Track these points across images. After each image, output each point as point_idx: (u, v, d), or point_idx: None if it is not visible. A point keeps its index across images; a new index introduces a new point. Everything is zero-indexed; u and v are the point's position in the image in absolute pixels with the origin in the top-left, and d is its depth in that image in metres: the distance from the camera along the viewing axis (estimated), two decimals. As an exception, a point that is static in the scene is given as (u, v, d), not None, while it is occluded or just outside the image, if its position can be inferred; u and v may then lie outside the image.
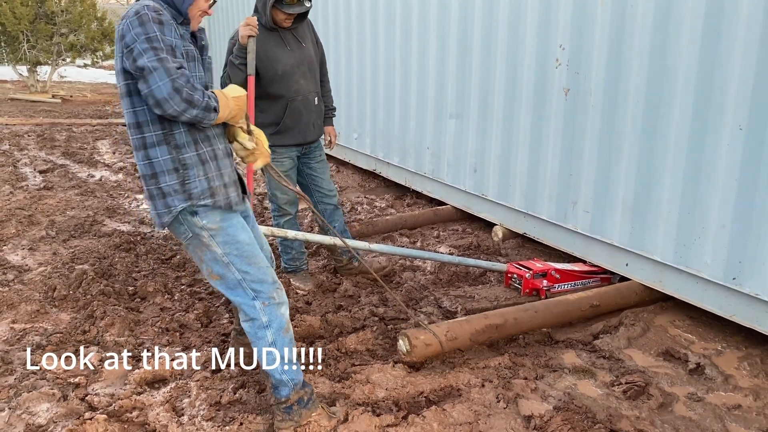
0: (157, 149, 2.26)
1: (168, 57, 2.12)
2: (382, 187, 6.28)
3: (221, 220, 2.34)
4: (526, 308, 3.28)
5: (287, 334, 2.44)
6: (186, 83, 2.13)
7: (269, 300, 2.40)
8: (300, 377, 2.46)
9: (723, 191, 3.14)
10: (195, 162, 2.28)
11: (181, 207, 2.28)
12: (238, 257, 2.36)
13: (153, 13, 2.15)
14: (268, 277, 2.40)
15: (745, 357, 3.09)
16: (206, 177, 2.30)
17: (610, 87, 3.65)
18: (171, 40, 2.17)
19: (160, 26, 2.15)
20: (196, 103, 2.15)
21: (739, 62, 2.99)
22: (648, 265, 3.58)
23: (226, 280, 2.38)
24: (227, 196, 2.36)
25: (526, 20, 4.18)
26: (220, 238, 2.34)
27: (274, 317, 2.40)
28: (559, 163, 4.08)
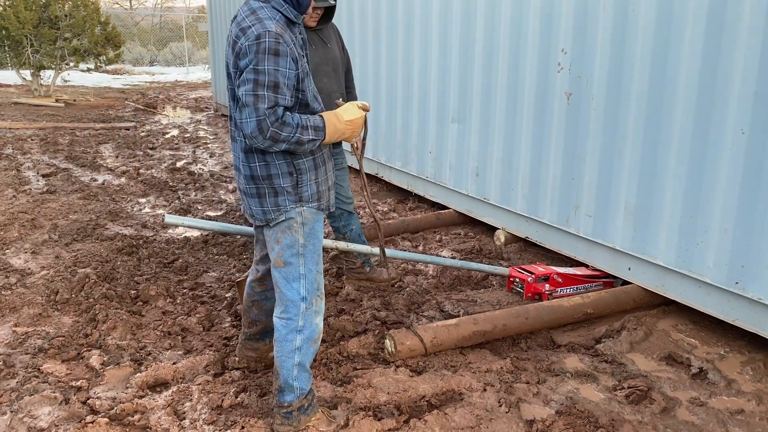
0: (273, 154, 2.35)
1: (265, 95, 2.17)
2: (384, 191, 6.28)
3: (315, 214, 2.45)
4: (517, 314, 3.28)
5: (314, 345, 2.48)
6: (274, 122, 2.19)
7: (310, 305, 2.44)
8: (308, 387, 2.48)
9: (725, 195, 3.14)
10: (309, 167, 2.40)
11: (291, 207, 2.39)
12: (312, 253, 2.44)
13: (273, 41, 2.18)
14: (317, 282, 2.47)
15: (748, 361, 3.08)
16: (316, 181, 2.43)
17: (612, 91, 3.66)
18: (283, 71, 2.19)
19: (275, 58, 2.18)
20: (282, 140, 2.22)
21: (741, 66, 2.99)
22: (650, 269, 3.57)
23: (290, 269, 2.42)
24: (329, 199, 2.51)
25: (528, 24, 4.19)
26: (307, 229, 2.42)
27: (309, 324, 2.44)
28: (561, 167, 4.08)
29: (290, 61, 2.21)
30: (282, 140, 2.23)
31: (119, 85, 16.16)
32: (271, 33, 2.18)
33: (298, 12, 2.33)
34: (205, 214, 5.44)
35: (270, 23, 2.21)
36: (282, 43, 2.19)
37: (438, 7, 5.04)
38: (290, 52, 2.21)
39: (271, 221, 2.41)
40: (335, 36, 3.77)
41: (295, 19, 2.33)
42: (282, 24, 2.25)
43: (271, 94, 2.18)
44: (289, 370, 2.43)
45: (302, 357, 2.43)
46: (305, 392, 2.47)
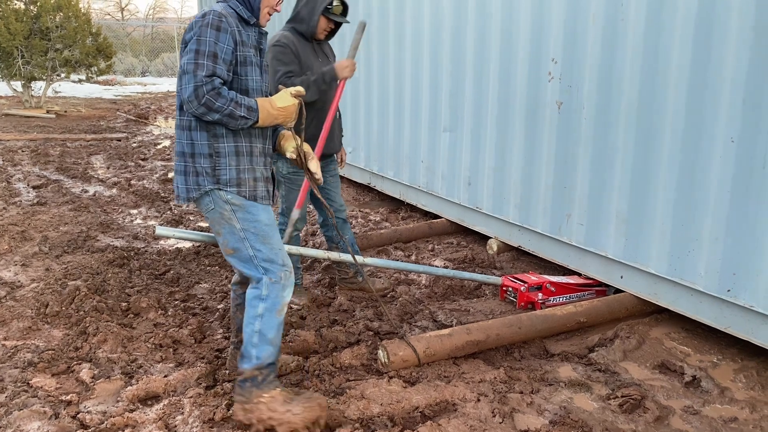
0: (198, 133, 2.49)
1: (205, 63, 2.35)
2: (376, 201, 6.28)
3: (246, 200, 2.53)
4: (510, 323, 3.28)
5: (279, 315, 2.56)
6: (210, 90, 2.34)
7: (276, 278, 2.55)
8: (269, 359, 2.55)
9: (716, 203, 3.15)
10: (229, 152, 2.51)
11: (209, 188, 2.51)
12: (255, 235, 2.54)
13: (216, 18, 2.40)
14: (279, 258, 2.56)
15: (741, 369, 3.09)
16: (237, 168, 2.52)
17: (602, 100, 3.67)
18: (221, 46, 2.39)
19: (215, 32, 2.39)
20: (216, 109, 2.36)
21: (731, 75, 3.01)
22: (642, 277, 3.58)
23: (239, 253, 2.56)
24: (254, 188, 2.56)
25: (519, 34, 4.21)
26: (241, 214, 2.53)
27: (274, 295, 2.54)
28: (552, 176, 4.09)
29: (229, 39, 2.41)
30: (215, 109, 2.36)
31: (111, 95, 16.12)
32: (216, 12, 2.41)
33: (251, 14, 2.52)
34: (196, 225, 5.42)
35: (218, 7, 2.46)
36: (224, 22, 2.40)
37: (429, 17, 5.06)
38: (231, 32, 2.42)
39: (192, 200, 2.55)
40: (331, 49, 3.86)
41: (248, 18, 2.52)
42: (232, 14, 2.47)
43: (210, 63, 2.36)
44: (249, 335, 2.54)
45: (263, 325, 2.53)
46: (262, 363, 2.53)
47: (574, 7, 3.77)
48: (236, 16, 2.50)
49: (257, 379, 2.52)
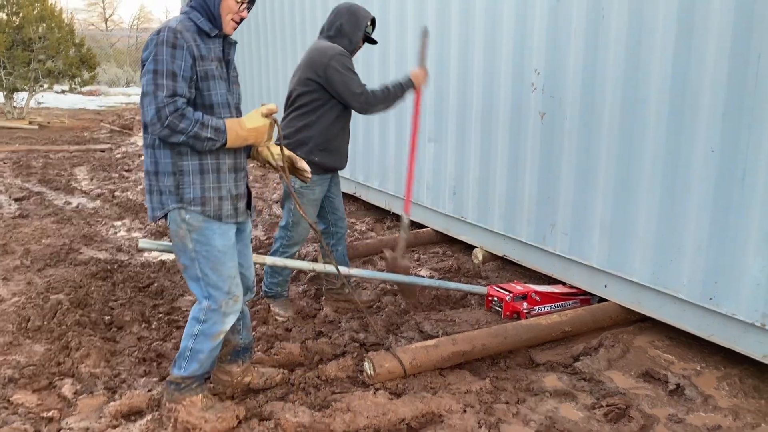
0: (162, 151, 2.44)
1: (164, 84, 2.29)
2: (362, 210, 6.28)
3: (203, 221, 2.48)
4: (495, 333, 3.28)
5: (213, 341, 2.57)
6: (173, 112, 2.29)
7: (216, 305, 2.54)
8: (195, 374, 2.59)
9: (698, 212, 3.19)
10: (193, 171, 2.45)
11: (173, 207, 2.46)
12: (205, 259, 2.50)
13: (170, 35, 2.32)
14: (225, 285, 2.53)
15: (724, 377, 3.11)
16: (201, 186, 2.46)
17: (585, 111, 3.71)
18: (179, 63, 2.32)
19: (171, 50, 2.31)
20: (180, 131, 2.31)
21: (710, 87, 3.06)
22: (626, 286, 3.61)
23: (188, 271, 2.55)
24: (219, 207, 2.51)
25: (502, 45, 4.25)
26: (195, 236, 2.48)
27: (212, 322, 2.54)
28: (537, 186, 4.12)
29: (186, 55, 2.33)
30: (179, 131, 2.31)
31: (94, 106, 16.01)
32: (171, 29, 2.34)
33: (212, 25, 2.44)
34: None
35: (173, 23, 2.37)
36: (179, 38, 2.32)
37: (412, 28, 5.09)
38: (188, 48, 2.34)
39: (157, 219, 2.52)
40: None
41: (209, 31, 2.43)
42: (189, 28, 2.38)
43: (170, 83, 2.30)
44: (183, 347, 2.58)
45: (197, 345, 2.56)
46: (188, 376, 2.58)
47: (556, 18, 3.82)
48: (195, 29, 2.41)
49: (180, 385, 2.60)
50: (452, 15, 4.65)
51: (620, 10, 3.42)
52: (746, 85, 2.92)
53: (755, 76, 2.88)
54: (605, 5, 3.50)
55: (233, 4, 2.44)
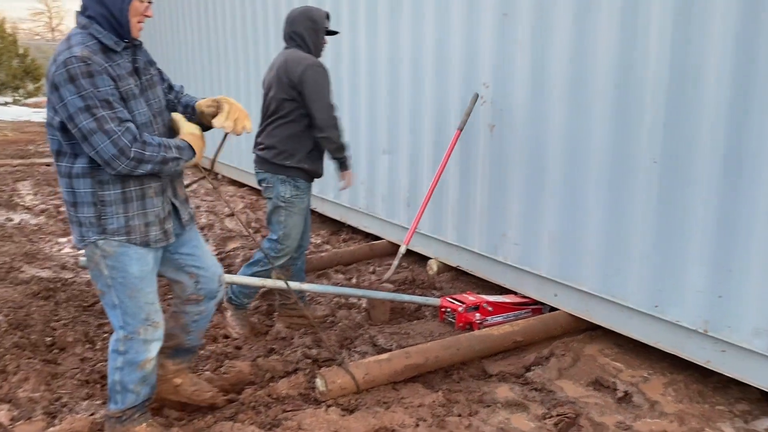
0: (81, 180, 2.30)
1: (105, 115, 2.14)
2: (317, 223, 6.23)
3: (117, 246, 2.36)
4: (448, 345, 3.28)
5: (140, 370, 2.49)
6: (132, 141, 2.18)
7: (133, 334, 2.44)
8: (133, 404, 2.52)
9: (643, 222, 3.26)
10: (116, 200, 2.33)
11: (94, 239, 2.34)
12: (122, 286, 2.40)
13: (81, 64, 2.12)
14: (142, 313, 2.43)
15: (670, 383, 3.18)
16: (125, 215, 2.35)
17: (533, 123, 3.77)
18: (106, 89, 2.16)
19: (90, 79, 2.14)
20: (147, 160, 2.23)
21: (651, 98, 3.14)
22: (576, 295, 3.66)
23: (105, 298, 2.45)
24: (146, 234, 2.40)
25: (452, 58, 4.29)
26: (110, 262, 2.37)
27: (134, 351, 2.45)
28: (488, 197, 4.16)
29: (107, 79, 2.17)
30: (147, 161, 2.23)
31: (40, 118, 15.51)
32: (77, 57, 2.13)
33: (119, 38, 2.27)
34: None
35: (77, 48, 2.16)
36: (92, 65, 2.14)
37: (365, 41, 5.10)
38: (104, 70, 2.17)
39: (81, 247, 2.41)
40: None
41: (115, 46, 2.25)
42: (94, 50, 2.19)
43: (110, 113, 2.15)
44: (112, 383, 2.51)
45: (125, 377, 2.47)
46: (126, 407, 2.51)
47: (501, 32, 3.87)
48: (100, 47, 2.21)
49: (121, 417, 2.53)
50: (403, 29, 4.68)
51: (564, 21, 3.49)
52: (686, 95, 3.01)
53: (693, 88, 2.97)
54: (550, 18, 3.57)
55: (139, 5, 2.26)
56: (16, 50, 12.25)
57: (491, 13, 3.93)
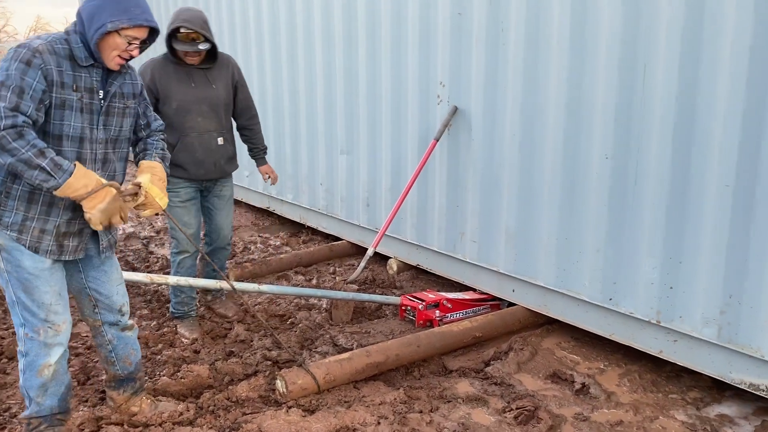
0: None
1: (8, 96, 2.11)
2: (276, 225, 6.18)
3: (9, 240, 2.32)
4: (408, 343, 3.30)
5: (39, 376, 2.42)
6: (9, 127, 2.09)
7: (34, 333, 2.38)
8: (40, 415, 2.47)
9: (595, 217, 3.33)
10: (21, 196, 2.29)
11: None
12: (17, 281, 2.35)
13: (28, 52, 2.17)
14: (41, 312, 2.37)
15: (625, 374, 3.25)
16: (24, 214, 2.31)
17: (487, 121, 3.81)
18: (29, 81, 2.16)
19: (25, 66, 2.15)
20: (9, 150, 2.10)
21: (602, 96, 3.21)
22: (533, 290, 3.72)
23: (6, 294, 2.41)
24: (38, 240, 2.33)
25: (408, 57, 4.31)
26: (5, 254, 2.34)
27: (34, 353, 2.40)
28: (446, 196, 4.19)
29: (40, 76, 2.17)
30: (9, 150, 2.10)
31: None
32: (31, 47, 2.19)
33: (87, 54, 2.29)
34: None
35: (38, 42, 2.22)
36: (37, 58, 2.17)
37: (320, 39, 5.07)
38: (45, 70, 2.18)
39: None
40: (226, 76, 3.73)
41: (81, 60, 2.28)
42: (58, 51, 2.23)
43: (14, 97, 2.12)
44: (21, 387, 2.46)
45: (26, 381, 2.43)
46: (31, 415, 2.47)
47: (458, 30, 3.91)
48: (67, 53, 2.25)
49: (30, 425, 2.49)
50: (359, 26, 4.68)
51: (518, 21, 3.54)
52: (634, 94, 3.08)
53: (642, 86, 3.05)
54: (503, 18, 3.62)
55: (120, 42, 2.27)
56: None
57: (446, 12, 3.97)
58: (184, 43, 3.44)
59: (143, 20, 2.27)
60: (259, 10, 5.75)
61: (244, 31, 6.06)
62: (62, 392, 2.49)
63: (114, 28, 2.22)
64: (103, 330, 2.63)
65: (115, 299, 2.60)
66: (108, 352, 2.67)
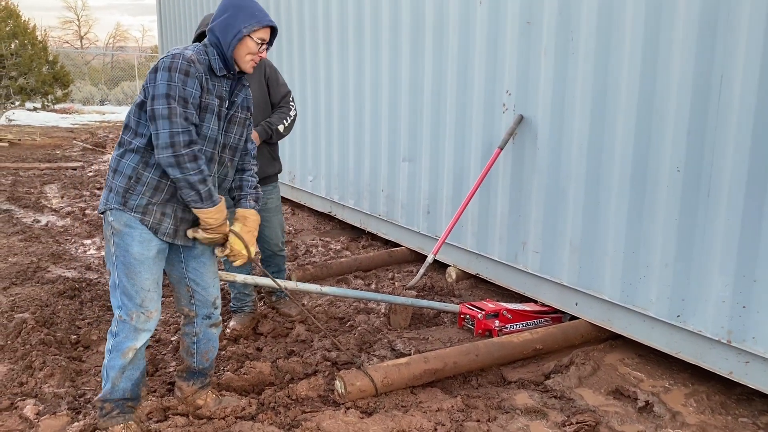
0: (132, 154, 2.48)
1: (178, 108, 2.34)
2: (337, 230, 6.27)
3: (125, 225, 2.48)
4: (467, 351, 3.28)
5: (123, 357, 2.55)
6: (188, 143, 2.34)
7: (127, 317, 2.52)
8: (111, 397, 2.58)
9: (664, 231, 3.24)
10: (149, 183, 2.48)
11: (114, 207, 2.49)
12: (123, 265, 2.50)
13: (185, 62, 2.37)
14: (138, 298, 2.52)
15: (692, 393, 3.14)
16: (149, 199, 2.49)
17: (554, 131, 3.77)
18: (190, 91, 2.39)
19: (183, 77, 2.37)
20: (183, 168, 2.35)
21: (675, 106, 3.13)
22: (596, 304, 3.64)
23: (111, 278, 2.57)
24: (159, 222, 2.51)
25: (474, 66, 4.31)
26: (117, 239, 2.50)
27: (123, 335, 2.53)
28: (508, 205, 4.16)
29: (197, 84, 2.40)
30: (182, 168, 2.35)
31: (67, 124, 15.79)
32: (185, 57, 2.39)
33: (224, 66, 2.51)
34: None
35: (189, 51, 2.43)
36: (193, 67, 2.39)
37: (387, 49, 5.14)
38: (199, 77, 2.41)
39: (100, 213, 2.56)
40: (259, 75, 3.76)
41: (217, 71, 2.50)
42: (203, 61, 2.45)
43: (182, 109, 2.35)
44: (103, 366, 2.59)
45: (109, 362, 2.55)
46: (105, 397, 2.58)
47: (527, 39, 3.89)
48: (207, 64, 2.48)
49: (103, 410, 2.60)
50: (426, 35, 4.71)
51: (589, 30, 3.50)
52: (709, 105, 2.99)
53: (718, 97, 2.96)
54: (573, 27, 3.58)
55: (253, 46, 2.50)
56: (46, 57, 12.53)
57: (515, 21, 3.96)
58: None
59: (269, 21, 2.51)
60: (329, 20, 5.88)
61: (313, 41, 6.20)
62: (137, 377, 2.62)
63: (249, 32, 2.45)
64: (195, 321, 2.76)
65: (210, 291, 2.75)
66: (192, 343, 2.79)
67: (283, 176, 6.62)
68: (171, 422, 2.74)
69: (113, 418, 2.59)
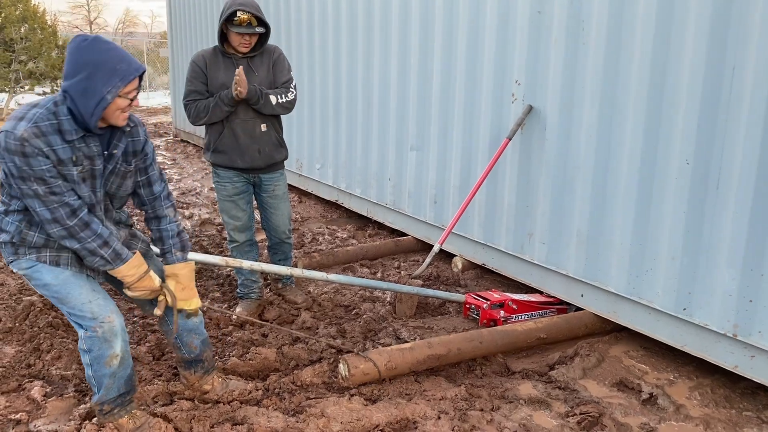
0: (14, 215, 2.35)
1: (39, 189, 2.18)
2: (344, 218, 6.28)
3: (28, 268, 2.41)
4: (471, 338, 3.29)
5: (108, 366, 2.47)
6: (70, 214, 2.24)
7: (92, 332, 2.42)
8: (109, 396, 2.53)
9: (672, 224, 3.23)
10: (37, 243, 2.38)
11: (12, 259, 2.41)
12: (54, 297, 2.44)
13: (16, 143, 2.13)
14: (87, 313, 2.41)
15: (696, 386, 3.14)
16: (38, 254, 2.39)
17: (563, 121, 3.75)
18: (40, 168, 2.16)
19: (24, 159, 2.14)
20: (79, 239, 2.28)
21: (685, 99, 3.11)
22: (602, 296, 3.63)
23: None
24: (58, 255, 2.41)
25: (484, 56, 4.29)
26: (34, 282, 2.44)
27: (96, 348, 2.44)
28: (516, 195, 4.15)
29: (42, 160, 2.16)
30: (78, 239, 2.28)
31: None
32: (17, 138, 2.13)
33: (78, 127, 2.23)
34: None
35: (23, 125, 2.15)
36: (27, 147, 2.13)
37: (396, 38, 5.12)
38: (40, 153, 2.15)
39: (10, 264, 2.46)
40: (268, 62, 3.75)
41: (73, 135, 2.22)
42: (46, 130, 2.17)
43: (43, 187, 2.18)
44: (87, 377, 2.53)
45: (95, 372, 2.49)
46: (103, 399, 2.54)
47: (537, 29, 3.86)
48: (55, 130, 2.18)
49: (102, 410, 2.56)
50: (436, 24, 4.69)
51: (600, 20, 3.47)
52: (720, 97, 2.97)
53: (729, 88, 2.93)
54: (585, 17, 3.55)
55: (123, 102, 2.23)
56: (55, 41, 12.52)
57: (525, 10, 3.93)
58: (239, 26, 3.51)
59: (134, 71, 2.21)
60: (338, 9, 5.85)
61: (322, 30, 6.18)
62: (128, 374, 2.58)
63: (114, 96, 2.17)
64: (168, 319, 2.70)
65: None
66: (172, 339, 2.75)
67: (290, 164, 6.62)
68: (176, 405, 2.76)
69: (115, 414, 2.57)
